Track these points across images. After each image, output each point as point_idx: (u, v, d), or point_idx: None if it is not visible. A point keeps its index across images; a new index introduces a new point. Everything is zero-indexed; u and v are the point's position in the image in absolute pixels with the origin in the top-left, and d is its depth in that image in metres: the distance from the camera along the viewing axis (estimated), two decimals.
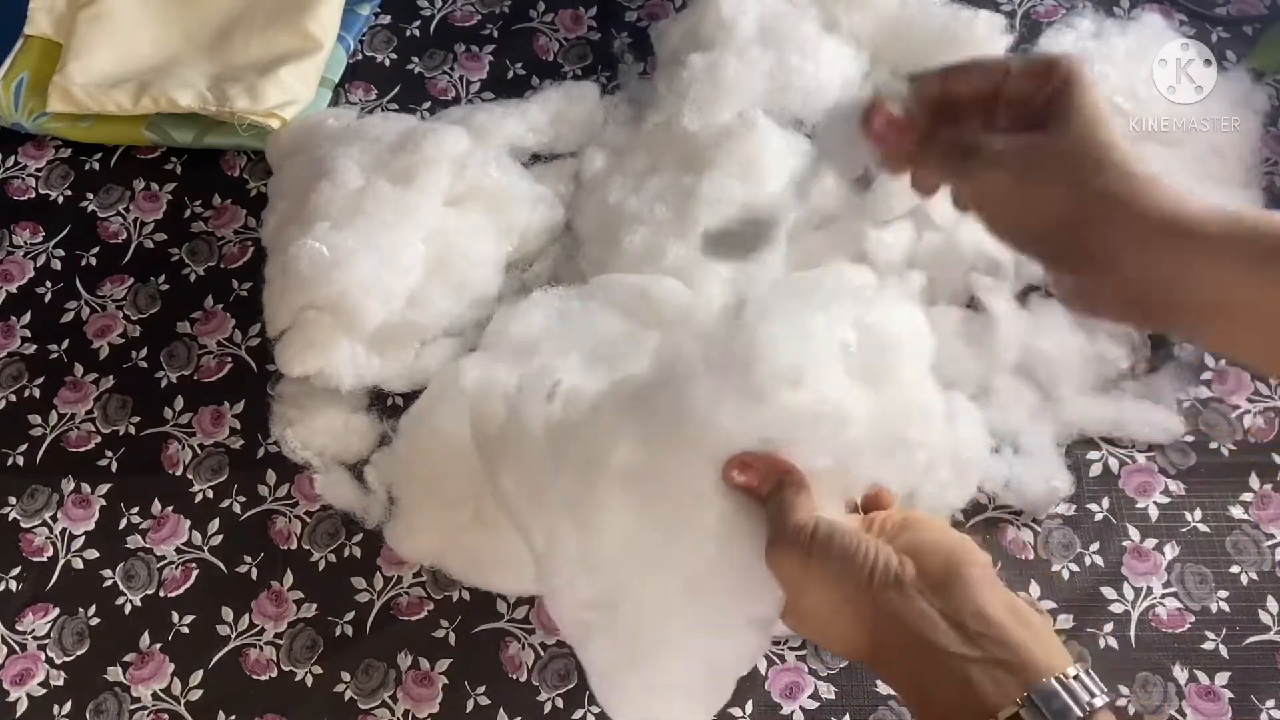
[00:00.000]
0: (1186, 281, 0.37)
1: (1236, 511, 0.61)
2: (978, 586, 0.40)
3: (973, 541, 0.43)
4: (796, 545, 0.42)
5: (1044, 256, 0.42)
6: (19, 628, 0.62)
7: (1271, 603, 0.59)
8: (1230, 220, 0.37)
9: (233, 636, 0.61)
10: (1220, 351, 0.61)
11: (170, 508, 0.65)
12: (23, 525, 0.65)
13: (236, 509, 0.65)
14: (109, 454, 0.67)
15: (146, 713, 0.60)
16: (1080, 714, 0.36)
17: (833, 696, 0.58)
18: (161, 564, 0.63)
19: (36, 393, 0.69)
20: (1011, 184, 0.39)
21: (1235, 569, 0.60)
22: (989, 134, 0.41)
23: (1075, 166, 0.39)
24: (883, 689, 0.58)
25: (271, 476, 0.65)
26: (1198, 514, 0.61)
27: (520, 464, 0.49)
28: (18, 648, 0.62)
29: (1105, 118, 0.39)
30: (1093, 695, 0.37)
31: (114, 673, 0.61)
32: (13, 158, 0.78)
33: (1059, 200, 0.39)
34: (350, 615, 0.61)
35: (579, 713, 0.58)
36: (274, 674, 0.60)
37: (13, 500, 0.66)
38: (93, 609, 0.62)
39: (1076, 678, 0.37)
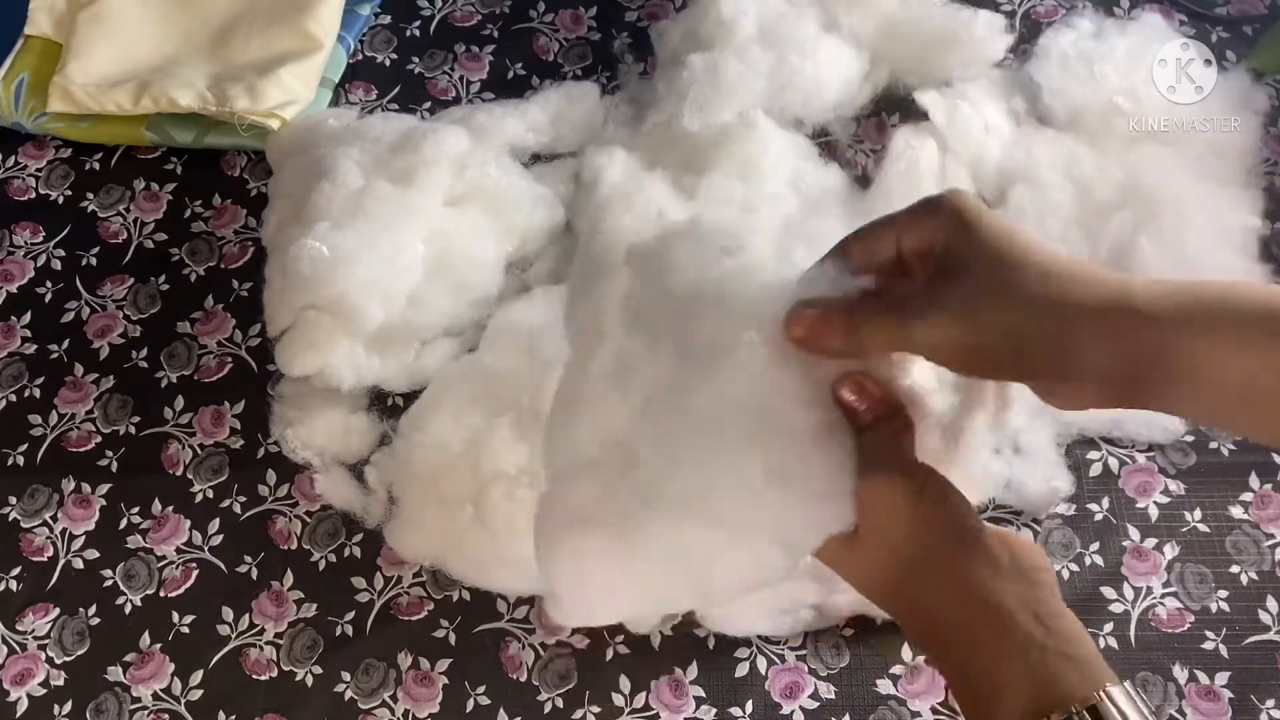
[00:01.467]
0: (1149, 365, 0.37)
1: (1236, 511, 0.61)
2: (1054, 589, 0.40)
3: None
4: (911, 482, 0.41)
5: (1014, 377, 0.42)
6: (19, 628, 0.62)
7: (1271, 602, 0.59)
8: (1174, 292, 0.37)
9: (233, 636, 0.61)
10: (1208, 424, 0.61)
11: (170, 508, 0.65)
12: (23, 525, 0.65)
13: (237, 509, 0.65)
14: (109, 454, 0.67)
15: (147, 713, 0.60)
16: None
17: (833, 696, 0.58)
18: (162, 564, 0.63)
19: (37, 393, 0.69)
20: (956, 333, 0.39)
21: (1235, 569, 0.60)
22: (909, 295, 0.41)
23: (1002, 292, 0.38)
24: (883, 689, 0.58)
25: (271, 476, 0.65)
26: (1198, 514, 0.61)
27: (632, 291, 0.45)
28: (18, 648, 0.62)
29: (1006, 233, 0.39)
30: (1151, 713, 0.38)
31: (114, 673, 0.61)
32: (13, 158, 0.78)
33: (1004, 328, 0.38)
34: (350, 615, 0.61)
35: (579, 713, 0.58)
36: (274, 674, 0.60)
37: (13, 500, 0.66)
38: (93, 609, 0.63)
39: (1138, 691, 0.39)
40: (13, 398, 0.69)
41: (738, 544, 0.41)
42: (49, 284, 0.73)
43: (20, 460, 0.67)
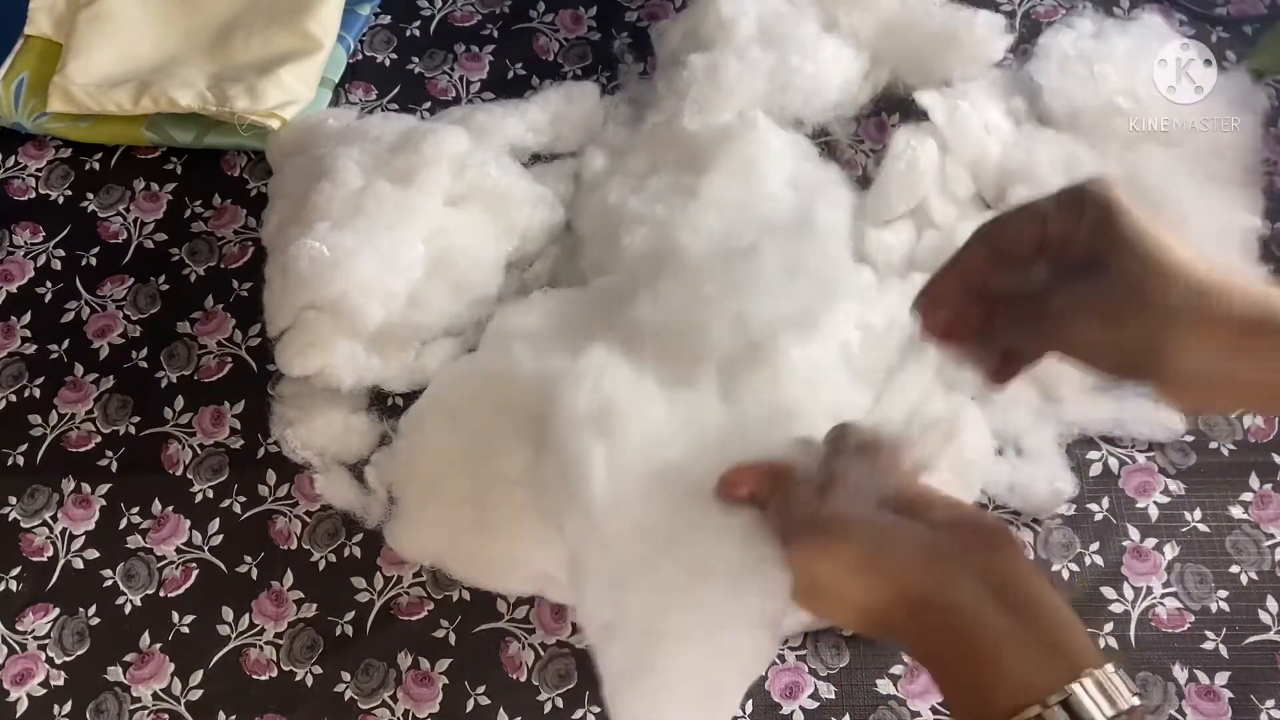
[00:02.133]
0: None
1: (1236, 511, 0.61)
2: (1016, 564, 0.40)
3: (999, 520, 0.43)
4: (813, 532, 0.42)
5: (1150, 382, 0.41)
6: (19, 628, 0.62)
7: (1271, 602, 0.59)
8: None
9: (233, 636, 0.61)
10: None
11: (170, 508, 0.65)
12: (23, 525, 0.65)
13: (236, 509, 0.65)
14: (109, 454, 0.67)
15: (147, 713, 0.60)
16: (1124, 709, 0.36)
17: (833, 696, 0.58)
18: (161, 564, 0.63)
19: (36, 393, 0.69)
20: (1102, 336, 0.39)
21: (1235, 569, 0.60)
22: (1043, 292, 0.41)
23: (1153, 301, 0.38)
24: (883, 689, 0.58)
25: (271, 476, 0.65)
26: (1197, 514, 0.61)
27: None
28: (18, 648, 0.62)
29: (1152, 235, 0.39)
30: (1134, 694, 0.37)
31: (114, 672, 0.61)
32: (13, 158, 0.78)
33: (1151, 338, 0.38)
34: (350, 615, 0.61)
35: (579, 713, 0.58)
36: (274, 674, 0.60)
37: (13, 500, 0.66)
38: (93, 609, 0.63)
39: (1118, 673, 0.37)
40: (13, 398, 0.69)
41: (726, 642, 0.45)
42: (49, 284, 0.73)
43: (20, 460, 0.67)
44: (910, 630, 0.41)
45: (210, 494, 0.65)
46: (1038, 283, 0.42)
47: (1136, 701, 0.37)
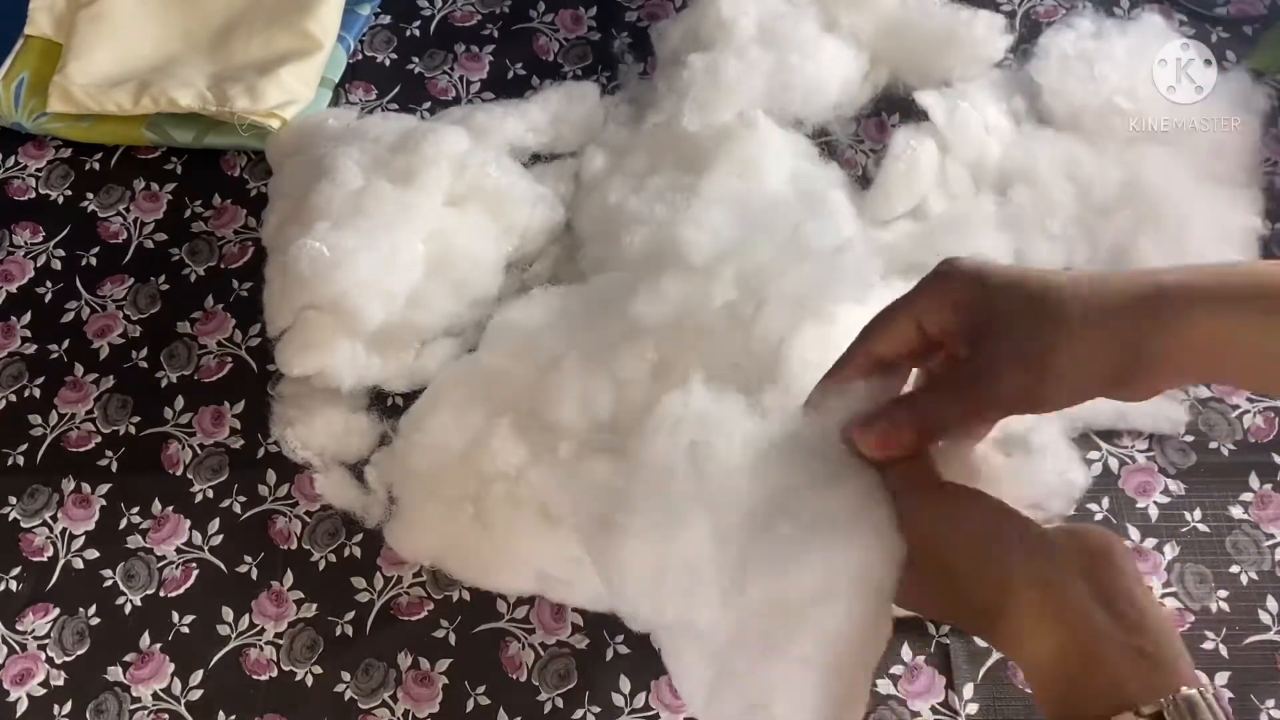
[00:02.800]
0: (1203, 348, 0.39)
1: (1236, 511, 0.61)
2: (1130, 573, 0.39)
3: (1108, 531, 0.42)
4: (942, 493, 0.43)
5: (1103, 394, 0.42)
6: (19, 628, 0.62)
7: (1271, 603, 0.59)
8: (1197, 271, 0.40)
9: (233, 636, 0.61)
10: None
11: (170, 508, 0.65)
12: (23, 525, 0.65)
13: (236, 509, 0.65)
14: (109, 454, 0.67)
15: (146, 713, 0.60)
16: None
17: None
18: (161, 564, 0.63)
19: (36, 393, 0.69)
20: (1028, 381, 0.41)
21: (1235, 569, 0.60)
22: (956, 370, 0.43)
23: (1050, 331, 0.40)
24: (883, 689, 0.58)
25: (271, 476, 0.65)
26: (1197, 514, 0.61)
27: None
28: (18, 648, 0.62)
29: (1017, 276, 0.41)
30: (1228, 717, 0.36)
31: (114, 672, 0.61)
32: (13, 158, 0.78)
33: (1069, 358, 0.40)
34: (350, 615, 0.61)
35: (579, 713, 0.58)
36: (274, 674, 0.60)
37: (13, 500, 0.66)
38: (93, 609, 0.63)
39: (1216, 695, 0.36)
40: (13, 398, 0.69)
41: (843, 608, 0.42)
42: (49, 284, 0.73)
43: (20, 460, 0.67)
44: (1013, 617, 0.39)
45: (210, 494, 0.65)
46: (946, 372, 0.44)
47: None
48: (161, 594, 0.63)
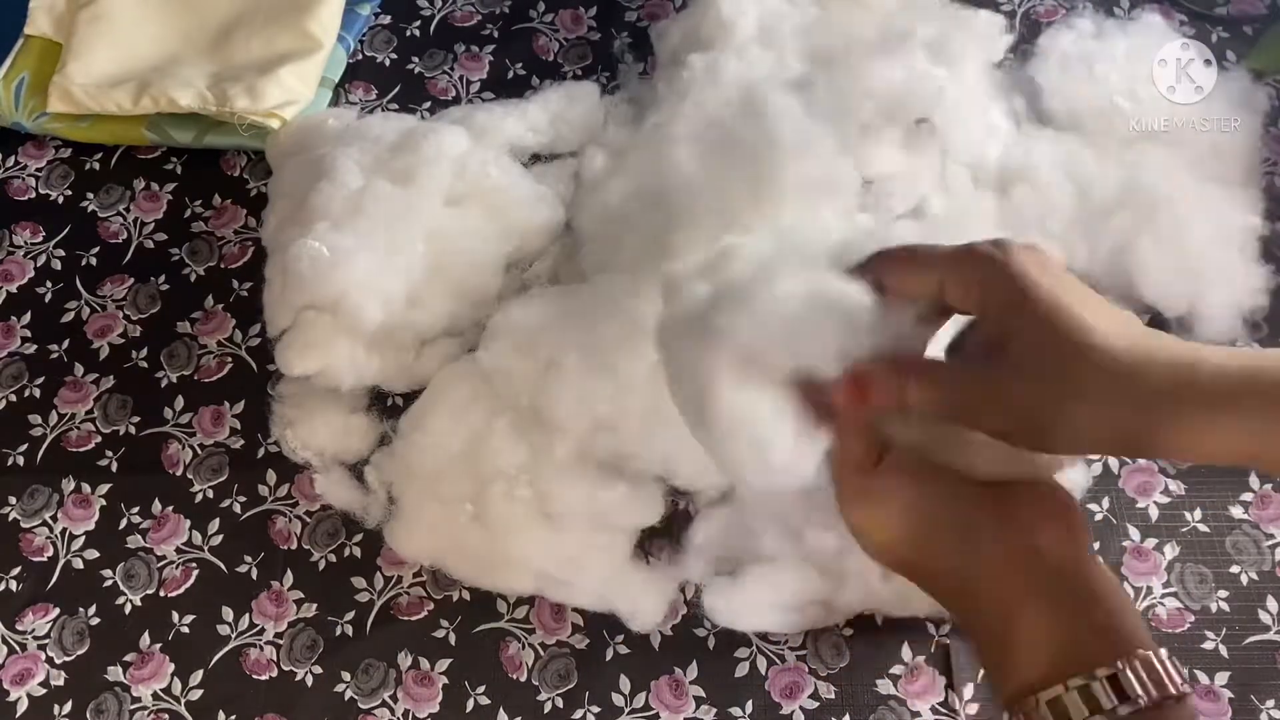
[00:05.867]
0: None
1: (1236, 511, 0.61)
2: (1080, 541, 0.39)
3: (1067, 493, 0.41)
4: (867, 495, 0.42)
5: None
6: (19, 628, 0.62)
7: (1271, 603, 0.59)
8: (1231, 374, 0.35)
9: (233, 636, 0.61)
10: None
11: (170, 508, 0.65)
12: (23, 525, 0.65)
13: (236, 509, 0.65)
14: (109, 454, 0.67)
15: (146, 713, 0.60)
16: (1171, 693, 0.35)
17: (832, 696, 0.58)
18: (161, 564, 0.63)
19: (36, 393, 0.69)
20: (1012, 421, 0.38)
21: (1235, 569, 0.60)
22: (963, 365, 0.41)
23: (1070, 395, 0.36)
24: (883, 689, 0.58)
25: (271, 476, 0.65)
26: (1198, 514, 0.61)
27: None
28: (18, 648, 0.62)
29: (1064, 309, 0.36)
30: (1184, 682, 0.36)
31: (114, 672, 0.61)
32: (13, 158, 0.78)
33: (1075, 425, 0.36)
34: (350, 615, 0.61)
35: (579, 713, 0.58)
36: (274, 674, 0.60)
37: (13, 500, 0.66)
38: (93, 609, 0.63)
39: (1170, 660, 0.36)
40: (13, 398, 0.69)
41: None
42: (49, 284, 0.73)
43: (20, 460, 0.67)
44: (961, 564, 0.40)
45: (210, 494, 0.65)
46: (960, 356, 0.42)
47: (1187, 690, 0.35)
48: (161, 594, 0.63)
